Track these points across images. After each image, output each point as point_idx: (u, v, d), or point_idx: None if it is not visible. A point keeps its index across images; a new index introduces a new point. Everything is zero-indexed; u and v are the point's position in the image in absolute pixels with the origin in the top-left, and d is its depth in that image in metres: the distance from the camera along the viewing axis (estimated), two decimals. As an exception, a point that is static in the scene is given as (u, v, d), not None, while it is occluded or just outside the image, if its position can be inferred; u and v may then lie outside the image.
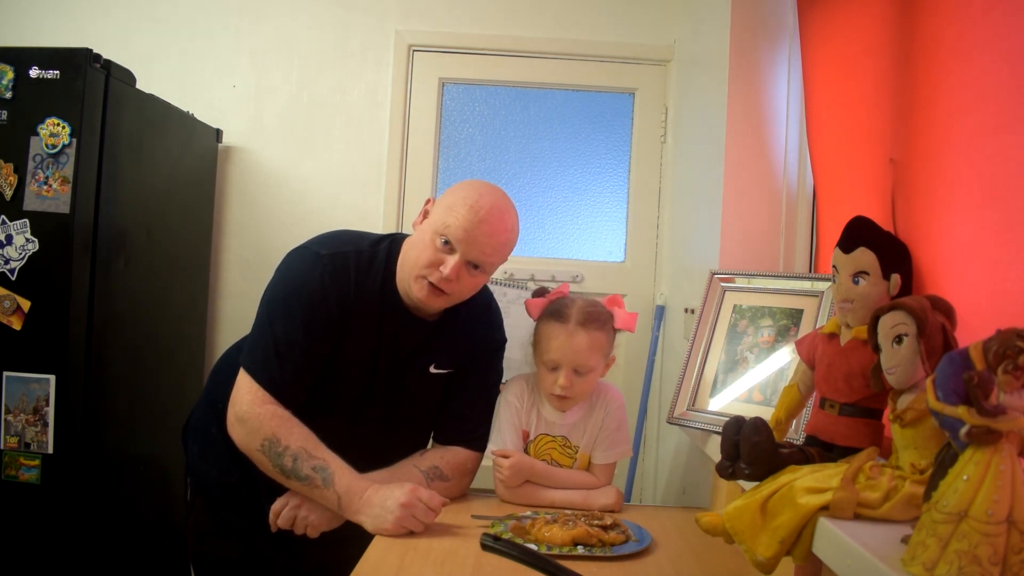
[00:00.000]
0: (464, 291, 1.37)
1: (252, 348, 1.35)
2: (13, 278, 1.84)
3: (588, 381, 1.44)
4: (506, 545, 0.92)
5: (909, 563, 0.64)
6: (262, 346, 1.33)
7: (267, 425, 1.27)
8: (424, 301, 1.34)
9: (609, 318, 1.47)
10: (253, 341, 1.36)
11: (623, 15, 2.62)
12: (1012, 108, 0.86)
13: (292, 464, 1.27)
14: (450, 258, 1.30)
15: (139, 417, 2.13)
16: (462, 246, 1.30)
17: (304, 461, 1.27)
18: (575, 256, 2.64)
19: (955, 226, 0.96)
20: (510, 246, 1.39)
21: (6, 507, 1.83)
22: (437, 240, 1.31)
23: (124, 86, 2.02)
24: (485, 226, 1.30)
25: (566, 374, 1.41)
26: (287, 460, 1.27)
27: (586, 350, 1.41)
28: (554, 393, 1.42)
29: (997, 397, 0.61)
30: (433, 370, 1.44)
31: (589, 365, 1.42)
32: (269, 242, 2.50)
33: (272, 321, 1.34)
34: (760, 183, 1.72)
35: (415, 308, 1.40)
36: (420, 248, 1.33)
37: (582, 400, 1.48)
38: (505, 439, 1.47)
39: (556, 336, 1.42)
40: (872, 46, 1.25)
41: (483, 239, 1.31)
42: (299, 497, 1.29)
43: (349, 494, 1.26)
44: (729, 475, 0.93)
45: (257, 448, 1.28)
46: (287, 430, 1.28)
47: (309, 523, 1.29)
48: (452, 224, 1.30)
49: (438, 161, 2.64)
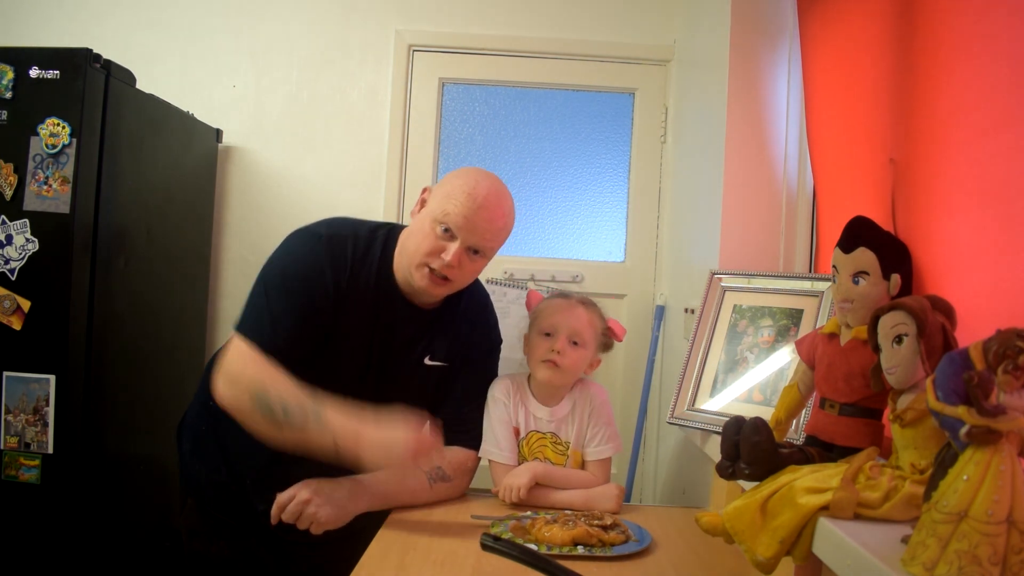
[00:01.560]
0: (466, 277, 1.39)
1: (245, 315, 1.36)
2: (13, 278, 1.84)
3: (578, 357, 1.47)
4: (506, 545, 0.92)
5: (909, 563, 0.64)
6: (255, 314, 1.34)
7: (255, 379, 1.26)
8: (427, 289, 1.35)
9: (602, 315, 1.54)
10: (247, 309, 1.37)
11: (623, 15, 2.62)
12: (1012, 108, 0.86)
13: (283, 412, 1.23)
14: (451, 245, 1.32)
15: (139, 417, 2.14)
16: (462, 233, 1.33)
17: (295, 407, 1.23)
18: (575, 256, 2.64)
19: (955, 226, 0.96)
20: (508, 230, 1.42)
21: (6, 507, 1.83)
22: (437, 228, 1.33)
23: (124, 86, 2.02)
24: (484, 212, 1.33)
25: (561, 339, 1.45)
26: (278, 409, 1.23)
27: (584, 321, 1.48)
28: (546, 359, 1.45)
29: (997, 397, 0.61)
30: (428, 361, 1.44)
31: (583, 337, 1.47)
32: (269, 242, 2.45)
33: (268, 291, 1.35)
34: (760, 183, 1.72)
35: (412, 297, 1.41)
36: (420, 237, 1.35)
37: (567, 380, 1.49)
38: (498, 437, 1.47)
39: (556, 306, 1.50)
40: (872, 46, 1.25)
41: (483, 225, 1.34)
42: (308, 492, 1.25)
43: (344, 433, 1.21)
44: (729, 475, 0.93)
45: (247, 403, 1.25)
46: (275, 381, 1.26)
47: (316, 519, 1.24)
48: (451, 212, 1.32)
49: (438, 161, 2.64)
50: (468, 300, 1.49)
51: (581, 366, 1.49)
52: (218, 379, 1.31)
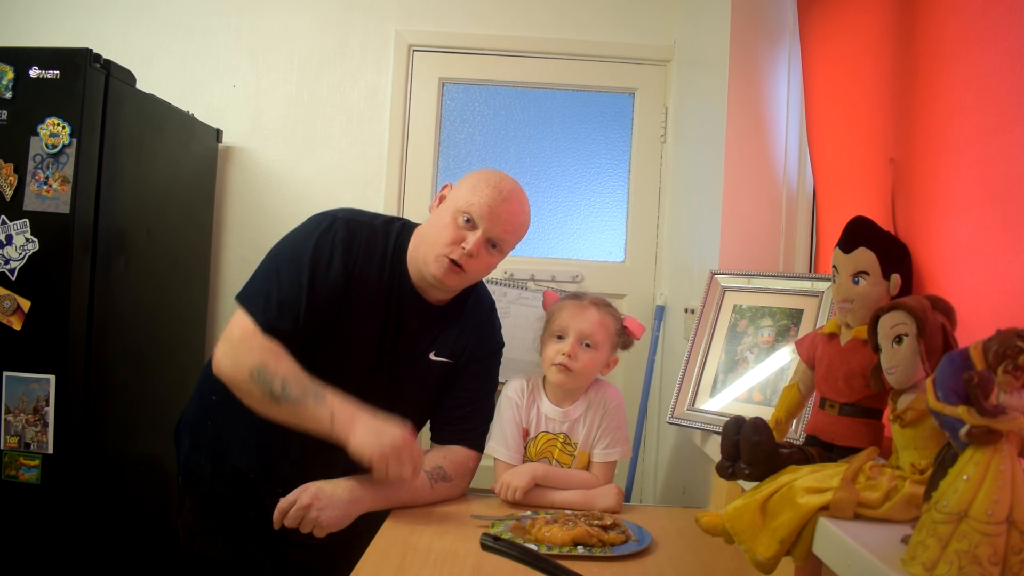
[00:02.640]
0: (480, 270, 1.41)
1: (252, 290, 1.36)
2: (13, 278, 1.84)
3: (590, 360, 1.46)
4: (506, 545, 0.92)
5: (909, 563, 0.64)
6: (263, 290, 1.35)
7: (257, 353, 1.28)
8: (442, 279, 1.36)
9: (618, 315, 1.53)
10: (254, 283, 1.37)
11: (623, 15, 2.62)
12: (1012, 107, 0.86)
13: (281, 388, 1.26)
14: (472, 235, 1.35)
15: (139, 417, 2.14)
16: (484, 223, 1.35)
17: (293, 384, 1.26)
18: (575, 256, 2.64)
19: (955, 226, 0.96)
20: (525, 228, 1.45)
21: (6, 507, 1.83)
22: (460, 218, 1.36)
23: (124, 86, 2.02)
24: (508, 205, 1.37)
25: (572, 342, 1.45)
26: (276, 384, 1.26)
27: (596, 323, 1.47)
28: (556, 362, 1.45)
29: (997, 397, 0.61)
30: (433, 357, 1.44)
31: (595, 339, 1.46)
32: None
33: (278, 268, 1.36)
34: (760, 183, 1.72)
35: (423, 292, 1.42)
36: (440, 228, 1.37)
37: (580, 383, 1.49)
38: (506, 436, 1.47)
39: (568, 308, 1.49)
40: (872, 46, 1.25)
41: (506, 216, 1.37)
42: (309, 496, 1.25)
43: (342, 409, 1.25)
44: (729, 475, 0.93)
45: (246, 377, 1.27)
46: (276, 358, 1.28)
47: (318, 523, 1.24)
48: (476, 202, 1.35)
49: (438, 161, 2.64)
50: (475, 300, 1.50)
51: (594, 368, 1.48)
52: (218, 349, 1.33)
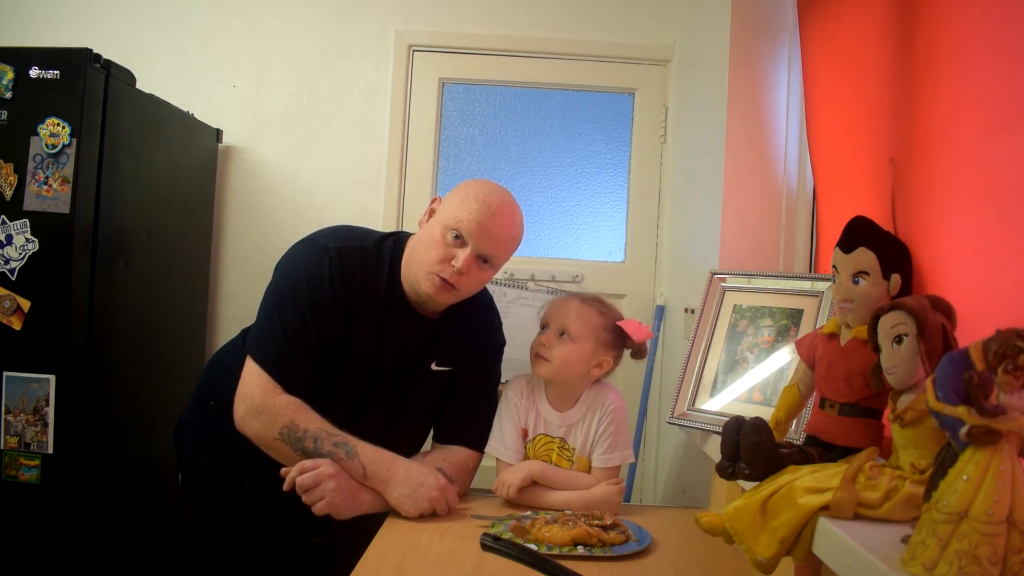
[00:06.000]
0: (472, 286, 1.39)
1: (261, 341, 1.35)
2: (13, 278, 1.84)
3: (568, 352, 1.43)
4: (506, 545, 0.92)
5: (909, 563, 0.64)
6: (272, 339, 1.33)
7: (284, 413, 1.29)
8: (434, 296, 1.35)
9: (613, 314, 1.49)
10: (262, 333, 1.36)
11: (623, 15, 2.62)
12: (1012, 108, 0.86)
13: (313, 444, 1.28)
14: (461, 252, 1.32)
15: (139, 417, 2.13)
16: (474, 239, 1.32)
17: (325, 439, 1.28)
18: (575, 256, 2.64)
19: (955, 226, 0.96)
20: (517, 241, 1.42)
21: (6, 507, 1.83)
22: (448, 235, 1.33)
23: (124, 86, 2.02)
24: (497, 219, 1.34)
25: (548, 333, 1.46)
26: (308, 442, 1.28)
27: (573, 314, 1.46)
28: (533, 351, 1.47)
29: (997, 397, 0.61)
30: (434, 367, 1.45)
31: (571, 330, 1.44)
32: (269, 242, 2.49)
33: (281, 312, 1.34)
34: (760, 183, 1.72)
35: (419, 305, 1.41)
36: (429, 244, 1.35)
37: (561, 375, 1.46)
38: (505, 436, 1.47)
39: (554, 302, 1.51)
40: (872, 46, 1.25)
41: (495, 231, 1.34)
42: (333, 468, 1.26)
43: (375, 463, 1.29)
44: (729, 475, 0.93)
45: (275, 436, 1.28)
46: (304, 415, 1.30)
47: (328, 498, 1.24)
48: (464, 218, 1.32)
49: (438, 161, 2.64)
50: (472, 303, 1.48)
51: (573, 361, 1.44)
52: (239, 408, 1.31)
